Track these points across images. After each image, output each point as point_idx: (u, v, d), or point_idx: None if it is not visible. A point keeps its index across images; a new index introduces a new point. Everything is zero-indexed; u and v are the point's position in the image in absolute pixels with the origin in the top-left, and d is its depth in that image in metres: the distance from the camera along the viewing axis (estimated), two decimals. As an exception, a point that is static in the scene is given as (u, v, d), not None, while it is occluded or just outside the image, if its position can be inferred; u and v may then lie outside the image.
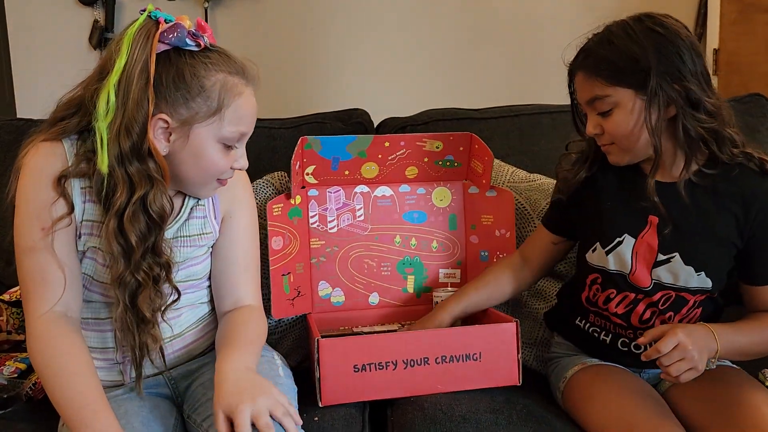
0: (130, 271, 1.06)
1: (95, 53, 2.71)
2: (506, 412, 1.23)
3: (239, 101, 1.10)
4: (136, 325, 1.09)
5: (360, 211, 1.57)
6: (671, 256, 1.23)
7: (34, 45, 2.73)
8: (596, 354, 1.35)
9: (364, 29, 2.74)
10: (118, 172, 1.04)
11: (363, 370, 1.26)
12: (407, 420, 1.22)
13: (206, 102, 1.07)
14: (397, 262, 1.59)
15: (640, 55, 1.15)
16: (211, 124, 1.08)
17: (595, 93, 1.19)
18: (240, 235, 1.25)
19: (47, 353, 1.05)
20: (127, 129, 1.03)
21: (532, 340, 1.54)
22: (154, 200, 1.06)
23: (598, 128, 1.22)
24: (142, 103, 1.02)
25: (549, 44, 2.69)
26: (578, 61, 1.23)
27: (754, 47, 2.50)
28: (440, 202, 1.61)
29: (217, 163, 1.12)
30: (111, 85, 1.02)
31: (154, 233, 1.08)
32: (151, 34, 1.04)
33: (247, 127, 1.13)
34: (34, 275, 1.06)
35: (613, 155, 1.25)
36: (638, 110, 1.17)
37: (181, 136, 1.08)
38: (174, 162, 1.10)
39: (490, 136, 1.71)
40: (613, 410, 1.18)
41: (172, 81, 1.05)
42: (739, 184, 1.20)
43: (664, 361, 1.10)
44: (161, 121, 1.06)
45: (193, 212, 1.21)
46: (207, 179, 1.14)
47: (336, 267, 1.56)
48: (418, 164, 1.55)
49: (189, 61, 1.07)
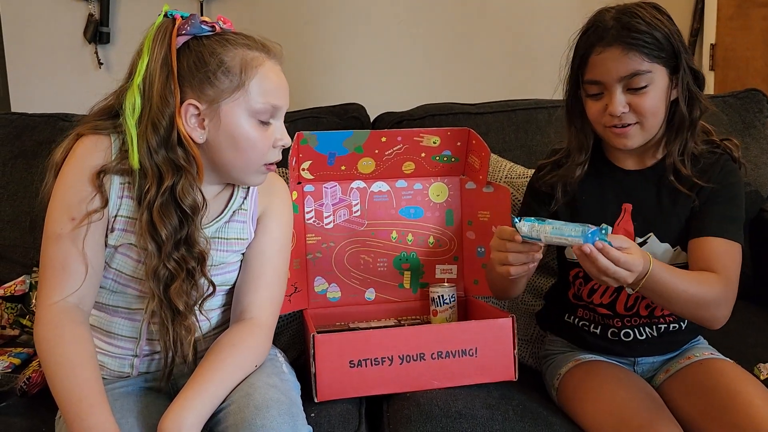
0: (163, 263, 1.07)
1: (90, 47, 2.70)
2: (502, 408, 1.23)
3: (262, 72, 1.10)
4: (171, 319, 1.10)
5: (356, 207, 1.57)
6: (647, 236, 1.27)
7: (29, 39, 2.71)
8: (588, 348, 1.35)
9: (361, 24, 2.73)
10: (147, 165, 1.07)
11: (359, 366, 1.26)
12: (403, 416, 1.22)
13: (228, 76, 1.08)
14: (393, 257, 1.59)
15: (672, 35, 1.20)
16: (239, 99, 1.09)
17: (636, 68, 1.18)
18: (265, 243, 1.23)
19: (53, 341, 1.04)
20: (154, 124, 1.06)
21: (527, 337, 1.54)
22: (183, 191, 1.07)
23: (626, 106, 1.21)
24: (167, 96, 1.06)
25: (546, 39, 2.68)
26: (612, 35, 1.19)
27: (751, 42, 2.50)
28: (437, 197, 1.60)
29: (254, 140, 1.11)
30: (136, 85, 1.07)
31: (187, 225, 1.09)
32: (169, 30, 1.08)
33: (277, 99, 1.13)
34: (55, 263, 1.07)
35: (631, 138, 1.24)
36: (666, 89, 1.22)
37: (213, 118, 1.09)
38: (214, 149, 1.11)
39: (486, 131, 1.72)
40: (607, 405, 1.19)
41: (193, 65, 1.08)
42: (702, 161, 1.26)
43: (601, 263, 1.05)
44: (191, 107, 1.08)
45: (235, 216, 1.20)
46: (250, 163, 1.13)
47: (332, 263, 1.56)
48: (415, 159, 1.54)
49: (206, 42, 1.10)
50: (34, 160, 1.70)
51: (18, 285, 1.55)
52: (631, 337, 1.31)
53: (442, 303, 1.49)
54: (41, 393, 1.32)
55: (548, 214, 1.35)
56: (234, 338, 1.14)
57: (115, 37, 2.73)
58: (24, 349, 1.44)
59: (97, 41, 2.69)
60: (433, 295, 1.50)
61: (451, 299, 1.49)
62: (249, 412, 1.02)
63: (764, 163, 1.73)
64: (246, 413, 1.02)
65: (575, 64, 1.26)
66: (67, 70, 2.73)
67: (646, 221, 1.28)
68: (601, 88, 1.22)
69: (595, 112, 1.24)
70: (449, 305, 1.49)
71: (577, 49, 1.25)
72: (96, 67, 2.73)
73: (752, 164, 1.70)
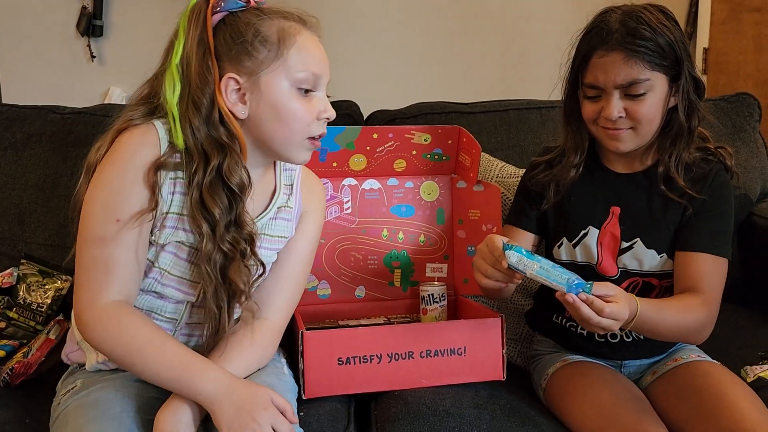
0: (218, 245, 1.05)
1: (83, 40, 2.69)
2: (490, 407, 1.23)
3: (300, 40, 1.09)
4: (227, 301, 1.08)
5: (347, 204, 1.56)
6: (633, 242, 1.27)
7: (21, 31, 2.70)
8: (576, 349, 1.35)
9: (355, 21, 2.73)
10: (192, 145, 1.05)
11: (347, 363, 1.25)
12: (391, 414, 1.22)
13: (265, 46, 1.06)
14: (384, 255, 1.59)
15: (676, 43, 1.18)
16: (278, 69, 1.07)
17: (636, 76, 1.17)
18: (301, 243, 1.22)
19: (123, 335, 1.02)
20: (195, 103, 1.05)
21: (516, 336, 1.54)
22: (230, 170, 1.06)
23: (622, 111, 1.20)
24: (205, 74, 1.05)
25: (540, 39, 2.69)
26: (615, 40, 1.17)
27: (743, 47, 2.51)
28: (428, 196, 1.60)
29: (296, 111, 1.09)
30: (174, 65, 1.06)
31: (236, 205, 1.07)
32: (203, 10, 1.07)
33: (319, 68, 1.11)
34: (98, 265, 1.03)
35: (624, 141, 1.23)
36: (665, 96, 1.21)
37: (254, 91, 1.07)
38: (257, 123, 1.09)
39: (478, 131, 1.72)
40: (593, 407, 1.19)
41: (230, 38, 1.07)
42: (695, 170, 1.26)
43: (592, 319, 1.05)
44: (232, 81, 1.06)
45: (280, 212, 1.19)
46: (294, 135, 1.10)
47: (323, 259, 1.56)
48: (406, 157, 1.54)
49: (241, 15, 1.08)
50: (23, 152, 1.69)
51: (6, 277, 1.54)
52: (618, 339, 1.31)
53: (432, 302, 1.48)
54: (24, 384, 1.32)
55: (539, 213, 1.35)
56: (244, 338, 1.12)
57: (109, 31, 2.72)
58: (9, 342, 1.42)
59: (90, 34, 2.68)
60: (423, 294, 1.50)
61: (441, 298, 1.49)
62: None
63: (754, 167, 1.74)
64: None
65: (576, 64, 1.25)
66: (59, 62, 2.72)
67: (635, 226, 1.28)
68: (599, 92, 1.22)
69: (590, 112, 1.24)
70: (439, 304, 1.48)
71: (579, 50, 1.24)
72: (89, 60, 2.72)
73: (742, 168, 1.71)
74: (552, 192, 1.32)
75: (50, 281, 1.54)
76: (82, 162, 1.09)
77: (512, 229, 1.38)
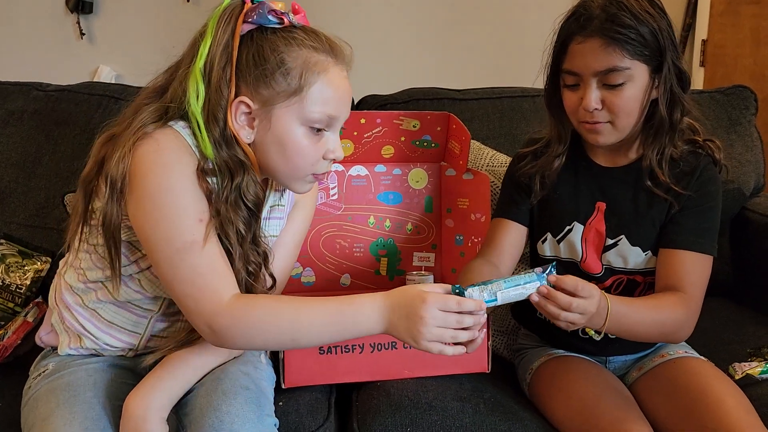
0: (244, 264, 1.03)
1: (72, 17, 2.65)
2: (473, 400, 1.21)
3: (324, 79, 1.02)
4: None
5: (334, 190, 1.54)
6: (618, 239, 1.25)
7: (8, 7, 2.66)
8: (560, 345, 1.33)
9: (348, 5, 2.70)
10: (217, 158, 1.01)
11: (329, 353, 1.23)
12: (372, 405, 1.20)
13: (286, 79, 1.00)
14: (370, 243, 1.56)
15: (660, 32, 1.14)
16: (293, 105, 1.01)
17: (614, 64, 1.14)
18: (286, 233, 1.19)
19: (265, 320, 0.98)
20: (214, 115, 1.00)
21: (503, 328, 1.52)
22: (248, 188, 1.02)
23: (599, 103, 1.17)
24: (223, 87, 0.99)
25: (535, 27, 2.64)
26: (594, 26, 1.14)
27: (740, 39, 2.50)
28: (416, 183, 1.58)
29: (303, 150, 1.04)
30: (197, 70, 1.00)
31: (254, 222, 1.04)
32: (235, 14, 1.01)
33: (336, 110, 1.05)
34: (203, 270, 0.98)
35: (604, 135, 1.20)
36: (645, 87, 1.17)
37: (264, 120, 1.02)
38: (261, 151, 1.04)
39: (470, 118, 1.69)
40: (577, 402, 1.17)
41: (252, 59, 1.00)
42: (681, 164, 1.23)
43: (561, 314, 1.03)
44: (243, 105, 1.01)
45: (272, 212, 1.16)
46: (297, 171, 1.06)
47: (308, 246, 1.53)
48: (394, 143, 1.51)
49: (270, 37, 1.01)
50: (4, 129, 1.66)
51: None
52: (602, 336, 1.28)
53: (418, 291, 1.46)
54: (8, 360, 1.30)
55: (528, 207, 1.32)
56: None
57: (98, 7, 2.68)
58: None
59: (79, 11, 2.65)
60: (410, 283, 1.47)
61: (427, 288, 1.47)
62: (216, 397, 1.01)
63: (748, 161, 1.72)
64: (213, 398, 1.01)
65: (555, 50, 1.22)
66: (48, 40, 2.69)
67: (620, 223, 1.25)
68: (577, 80, 1.18)
69: (570, 104, 1.21)
70: (425, 294, 1.46)
71: (559, 35, 1.20)
72: (78, 37, 2.68)
73: (736, 161, 1.69)
74: (538, 185, 1.29)
75: (30, 262, 1.51)
76: (65, 141, 1.04)
77: (504, 222, 1.33)
